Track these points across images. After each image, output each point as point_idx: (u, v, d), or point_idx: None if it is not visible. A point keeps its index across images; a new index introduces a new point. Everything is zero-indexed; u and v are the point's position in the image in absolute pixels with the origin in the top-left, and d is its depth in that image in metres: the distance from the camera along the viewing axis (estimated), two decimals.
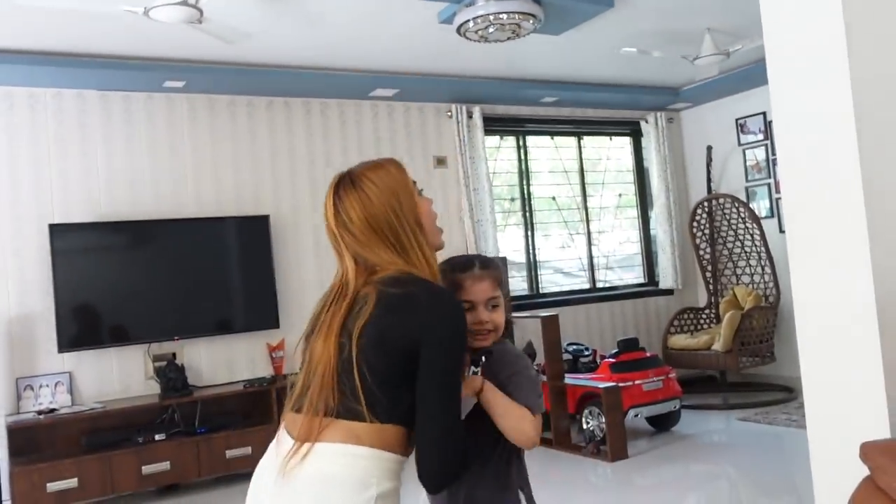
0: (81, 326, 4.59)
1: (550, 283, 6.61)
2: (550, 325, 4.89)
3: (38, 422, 4.22)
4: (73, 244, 4.58)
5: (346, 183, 1.53)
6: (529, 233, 6.47)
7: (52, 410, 4.32)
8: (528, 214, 6.47)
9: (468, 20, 3.91)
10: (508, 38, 4.03)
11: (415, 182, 1.56)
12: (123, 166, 4.86)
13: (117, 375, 4.73)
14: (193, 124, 5.08)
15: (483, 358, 1.55)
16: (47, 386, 4.51)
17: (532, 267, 6.46)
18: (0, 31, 3.98)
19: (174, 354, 4.82)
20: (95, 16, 3.75)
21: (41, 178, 4.63)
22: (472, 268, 1.63)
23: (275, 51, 4.65)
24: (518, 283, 6.36)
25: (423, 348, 1.38)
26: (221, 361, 5.02)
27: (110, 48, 4.36)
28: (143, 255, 4.77)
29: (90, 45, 4.28)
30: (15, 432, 4.18)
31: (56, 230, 4.50)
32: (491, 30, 3.95)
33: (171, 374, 4.62)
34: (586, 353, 5.43)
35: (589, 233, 6.76)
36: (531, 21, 3.93)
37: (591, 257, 6.75)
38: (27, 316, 4.51)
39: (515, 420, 1.50)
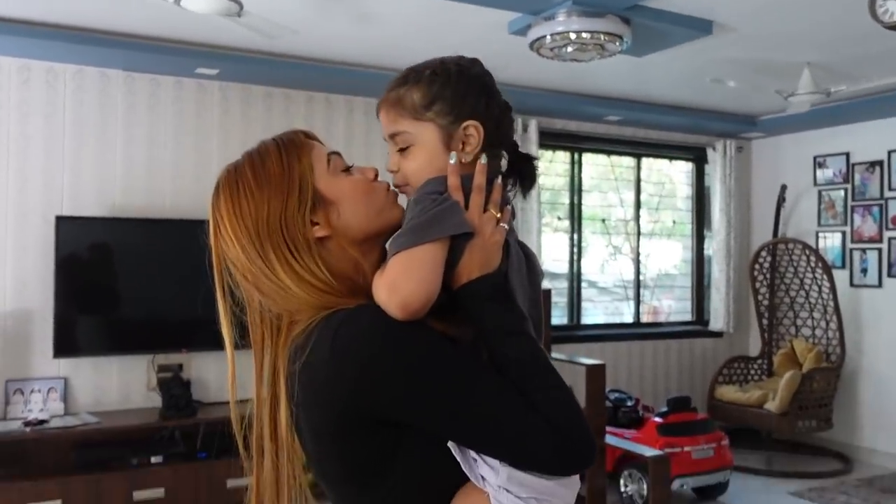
0: (81, 331, 4.18)
1: (591, 310, 6.11)
2: (595, 376, 4.40)
3: (23, 435, 3.82)
4: (80, 240, 4.15)
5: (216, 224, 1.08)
6: (575, 250, 5.97)
7: (42, 422, 3.91)
8: (575, 234, 5.96)
9: (545, 36, 3.40)
10: (591, 60, 3.52)
11: (332, 155, 1.09)
12: (144, 156, 4.41)
13: (116, 384, 4.32)
14: (225, 116, 4.62)
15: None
16: (39, 391, 4.11)
17: (574, 292, 5.95)
18: (23, 0, 3.55)
19: (181, 366, 4.41)
20: None
21: (53, 164, 4.19)
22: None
23: (320, 45, 4.17)
24: (558, 312, 5.88)
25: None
26: (241, 378, 4.58)
27: (140, 28, 3.91)
28: (155, 257, 4.32)
29: (119, 23, 3.82)
30: None
31: (63, 223, 4.07)
32: (569, 49, 3.44)
33: (174, 391, 4.20)
34: (629, 402, 4.94)
35: (638, 257, 6.23)
36: (617, 43, 3.41)
37: (638, 285, 6.23)
38: (23, 312, 4.10)
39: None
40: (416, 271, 0.94)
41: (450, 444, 0.94)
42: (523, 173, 1.11)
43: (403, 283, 0.93)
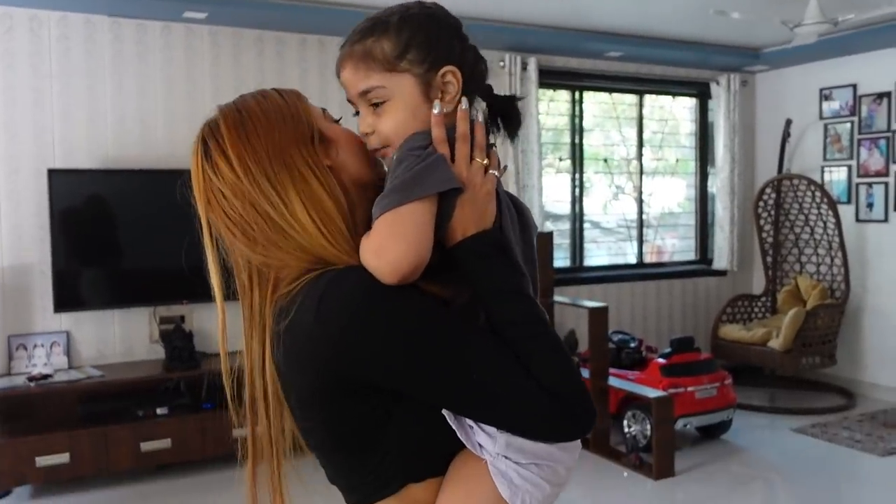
0: (81, 284, 4.15)
1: (594, 251, 6.06)
2: (598, 318, 4.39)
3: (29, 390, 3.82)
4: (74, 192, 4.08)
5: (205, 154, 1.00)
6: (577, 191, 5.89)
7: (46, 376, 3.91)
8: (577, 175, 5.87)
9: None
10: None
11: (325, 110, 1.06)
12: (135, 105, 4.31)
13: (119, 337, 4.32)
14: (216, 61, 4.50)
15: None
16: (42, 346, 4.10)
17: (576, 234, 5.90)
18: None
19: (182, 318, 4.39)
20: None
21: (42, 115, 4.10)
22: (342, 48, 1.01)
23: None
24: (560, 254, 5.83)
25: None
26: (234, 329, 4.57)
27: None
28: (152, 208, 4.26)
29: None
30: (3, 400, 3.81)
31: (56, 176, 4.00)
32: None
33: (177, 343, 4.19)
34: (632, 344, 4.94)
35: (641, 196, 6.15)
36: None
37: (641, 224, 6.17)
38: (21, 267, 4.07)
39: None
40: (403, 233, 0.88)
41: (444, 411, 0.90)
42: (508, 115, 1.03)
43: (391, 246, 0.87)
